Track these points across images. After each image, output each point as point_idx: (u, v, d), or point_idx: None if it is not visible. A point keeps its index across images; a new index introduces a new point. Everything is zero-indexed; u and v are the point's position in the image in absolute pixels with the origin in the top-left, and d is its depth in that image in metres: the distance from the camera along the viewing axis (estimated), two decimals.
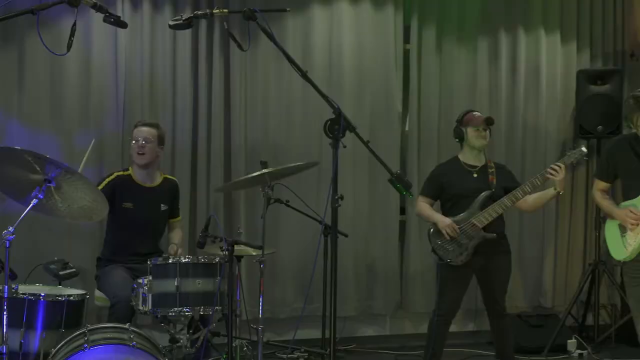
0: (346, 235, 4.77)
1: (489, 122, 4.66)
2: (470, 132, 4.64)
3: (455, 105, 6.08)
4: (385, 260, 6.04)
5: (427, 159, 6.04)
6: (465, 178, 4.65)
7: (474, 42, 6.21)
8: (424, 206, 4.74)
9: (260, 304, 4.14)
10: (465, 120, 4.67)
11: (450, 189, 4.66)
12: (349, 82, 5.94)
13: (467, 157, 4.70)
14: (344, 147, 3.28)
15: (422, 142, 6.12)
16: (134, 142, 4.60)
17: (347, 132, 3.29)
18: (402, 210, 6.16)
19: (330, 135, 3.24)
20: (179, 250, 4.56)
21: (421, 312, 5.98)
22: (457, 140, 4.73)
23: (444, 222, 4.56)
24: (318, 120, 5.69)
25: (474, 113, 4.70)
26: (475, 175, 4.67)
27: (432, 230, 4.64)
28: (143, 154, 4.58)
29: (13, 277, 3.58)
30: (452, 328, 4.74)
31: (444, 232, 4.54)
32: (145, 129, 4.61)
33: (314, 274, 3.80)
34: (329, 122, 3.25)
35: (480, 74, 6.22)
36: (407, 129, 6.24)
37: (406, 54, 6.16)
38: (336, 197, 3.24)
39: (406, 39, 6.14)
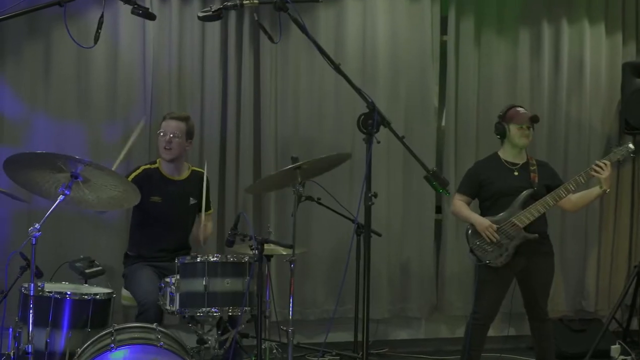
0: (380, 235, 4.75)
1: (534, 120, 4.60)
2: (513, 130, 4.60)
3: (494, 99, 6.03)
4: (420, 260, 6.02)
5: (465, 155, 5.99)
6: (505, 176, 4.61)
7: (515, 33, 6.14)
8: (460, 205, 4.71)
9: (291, 305, 4.14)
10: (508, 116, 4.63)
11: (490, 187, 4.62)
12: (383, 75, 5.91)
13: (508, 154, 4.66)
14: (378, 142, 3.28)
15: (459, 138, 6.08)
16: (161, 134, 4.63)
17: (382, 127, 3.29)
18: (438, 209, 6.13)
19: (364, 131, 3.24)
20: (208, 231, 4.55)
21: (458, 315, 5.95)
22: (498, 136, 4.68)
23: (483, 223, 4.52)
24: (351, 114, 5.70)
25: (519, 109, 4.64)
26: (516, 173, 4.62)
27: (470, 230, 4.60)
28: (170, 149, 4.60)
29: (39, 275, 3.62)
30: (490, 332, 4.71)
31: (483, 234, 4.50)
32: (173, 123, 4.64)
33: (345, 275, 3.79)
34: (362, 117, 3.25)
35: (521, 67, 6.15)
36: (443, 124, 6.20)
37: (443, 46, 6.12)
38: (369, 195, 3.24)
39: (443, 31, 6.10)
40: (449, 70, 6.07)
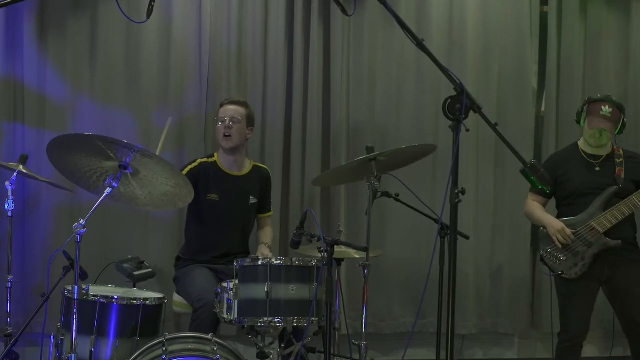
0: (467, 237, 4.70)
1: (611, 125, 4.51)
2: (586, 127, 4.53)
3: (602, 80, 5.95)
4: (514, 268, 5.95)
5: (568, 145, 5.88)
6: (585, 171, 4.53)
7: (627, 4, 6.01)
8: (534, 206, 4.64)
9: (364, 316, 4.14)
10: (589, 110, 4.56)
11: (567, 184, 4.54)
12: (473, 53, 5.86)
13: (588, 145, 4.57)
14: (467, 130, 3.27)
15: (561, 125, 5.99)
16: (219, 122, 4.70)
17: (471, 113, 3.27)
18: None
19: (451, 117, 3.23)
20: (270, 254, 4.62)
21: (558, 333, 5.85)
22: (577, 121, 4.64)
23: (555, 226, 4.45)
24: (435, 98, 5.67)
25: (603, 107, 4.53)
26: (597, 168, 4.53)
27: (541, 234, 4.53)
28: (229, 135, 4.66)
29: (83, 276, 3.71)
30: (592, 352, 4.63)
31: (554, 238, 4.42)
32: (232, 107, 4.71)
33: (427, 283, 3.76)
34: (449, 101, 3.24)
35: (635, 42, 6.01)
36: (543, 109, 6.12)
37: (543, 18, 6.03)
38: (456, 191, 3.23)
39: (543, 0, 6.02)
40: (550, 47, 5.99)
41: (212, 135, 5.42)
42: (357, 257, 4.37)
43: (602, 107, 4.55)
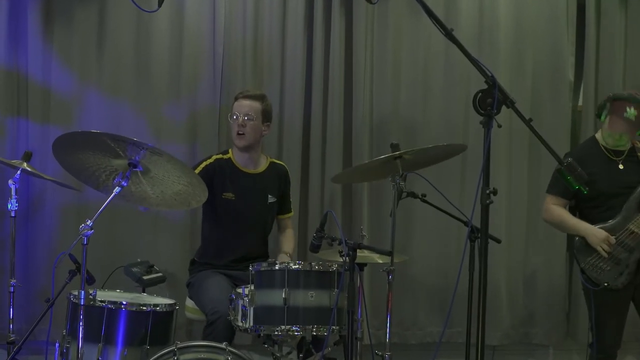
0: (499, 241, 4.68)
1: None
2: (607, 126, 4.50)
3: None
4: (549, 274, 5.93)
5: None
6: (610, 169, 4.50)
7: None
8: (561, 212, 4.61)
9: (387, 325, 4.14)
10: (612, 108, 4.52)
11: (593, 185, 4.50)
12: (505, 43, 5.84)
13: (608, 139, 4.54)
14: (499, 126, 3.26)
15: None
16: (233, 117, 4.70)
17: (503, 108, 3.27)
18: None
19: (482, 112, 3.22)
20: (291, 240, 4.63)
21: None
22: (597, 115, 4.61)
23: (598, 235, 4.42)
24: (464, 92, 5.66)
25: (628, 108, 4.50)
26: (620, 166, 4.50)
27: (579, 244, 4.50)
28: (242, 134, 4.66)
29: (90, 281, 3.73)
30: None
31: (599, 249, 4.39)
32: (246, 102, 4.69)
33: (456, 290, 3.75)
34: (479, 95, 3.24)
35: None
36: (580, 103, 6.09)
37: (580, 5, 6.00)
38: (487, 192, 3.22)
39: None
40: (588, 36, 5.95)
41: (226, 130, 5.43)
42: (381, 261, 4.35)
43: (627, 109, 4.51)
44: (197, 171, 4.55)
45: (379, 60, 5.77)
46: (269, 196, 4.77)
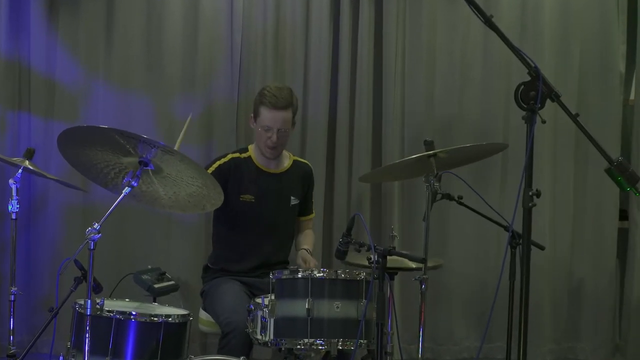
0: (542, 248, 4.67)
1: None
2: None
3: None
4: (597, 284, 5.92)
5: None
6: None
7: None
8: None
9: (420, 339, 4.13)
10: None
11: None
12: (550, 31, 5.82)
13: None
14: (543, 122, 3.25)
15: None
16: (265, 129, 4.56)
17: (548, 102, 3.26)
18: (624, 214, 6.00)
19: (524, 106, 3.22)
20: (313, 261, 4.61)
21: None
22: None
23: None
24: (504, 84, 5.66)
25: None
26: None
27: None
28: (275, 147, 4.62)
29: (97, 289, 3.74)
30: None
31: None
32: (280, 115, 4.55)
33: (495, 301, 3.74)
34: (522, 87, 3.24)
35: None
36: (632, 97, 6.07)
37: None
38: (530, 193, 3.22)
39: None
40: None
41: (245, 126, 5.44)
42: (413, 269, 4.36)
43: None
44: (210, 171, 4.54)
45: (411, 49, 5.76)
46: (292, 198, 4.77)
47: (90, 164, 3.79)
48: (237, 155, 4.75)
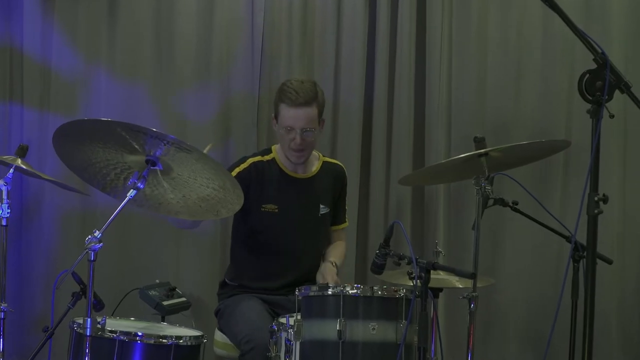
0: (610, 262, 4.66)
1: None
2: None
3: None
4: None
5: None
6: None
7: None
8: None
9: None
10: None
11: None
12: (618, 14, 5.79)
13: None
14: (611, 116, 3.24)
15: None
16: (287, 130, 4.56)
17: (616, 93, 3.25)
18: None
19: (589, 98, 3.20)
20: (331, 276, 4.58)
21: None
22: None
23: None
24: (567, 74, 5.64)
25: None
26: None
27: None
28: (302, 150, 4.60)
29: (99, 306, 3.77)
30: None
31: None
32: (303, 112, 4.53)
33: (555, 322, 3.73)
34: (587, 76, 3.23)
35: None
36: None
37: None
38: (596, 199, 3.20)
39: None
40: None
41: (268, 122, 5.45)
42: (461, 286, 4.36)
43: None
44: None
45: (458, 38, 5.77)
46: (321, 206, 4.72)
47: (88, 163, 3.80)
48: (258, 158, 4.69)
